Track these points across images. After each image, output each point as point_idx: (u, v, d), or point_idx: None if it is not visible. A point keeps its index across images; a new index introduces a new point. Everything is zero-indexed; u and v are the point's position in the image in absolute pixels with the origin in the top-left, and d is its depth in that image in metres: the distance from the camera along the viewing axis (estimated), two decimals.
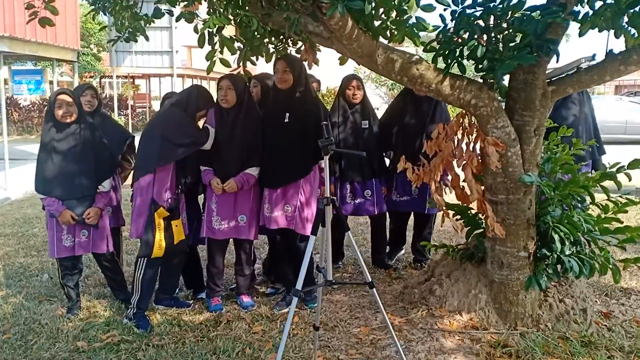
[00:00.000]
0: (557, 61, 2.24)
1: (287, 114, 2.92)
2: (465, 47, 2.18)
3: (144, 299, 2.89)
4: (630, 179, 2.45)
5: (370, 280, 2.06)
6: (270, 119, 2.98)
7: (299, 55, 3.07)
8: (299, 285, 1.99)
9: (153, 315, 2.97)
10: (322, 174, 3.01)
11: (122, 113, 15.56)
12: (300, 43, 3.24)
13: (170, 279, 3.12)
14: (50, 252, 2.93)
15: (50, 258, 3.66)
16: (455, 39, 2.29)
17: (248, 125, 2.97)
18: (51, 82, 15.88)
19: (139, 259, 2.88)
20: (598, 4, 2.20)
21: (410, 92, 3.53)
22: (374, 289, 2.08)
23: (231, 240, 3.17)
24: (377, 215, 3.62)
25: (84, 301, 3.18)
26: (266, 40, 3.20)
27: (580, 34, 2.30)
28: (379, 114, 3.75)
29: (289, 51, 3.29)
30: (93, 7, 3.50)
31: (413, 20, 2.12)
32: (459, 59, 2.29)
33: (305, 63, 2.76)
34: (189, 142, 2.88)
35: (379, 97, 18.09)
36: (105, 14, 3.61)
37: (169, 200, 2.85)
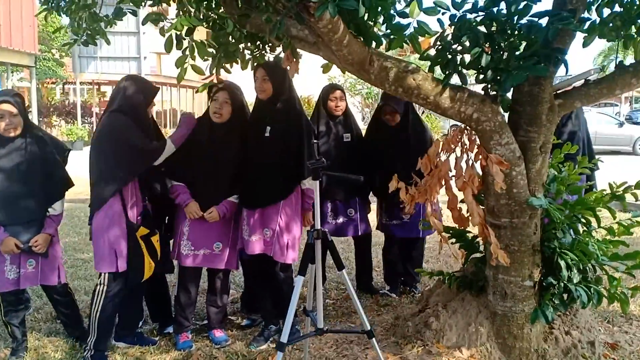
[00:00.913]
0: (566, 72, 2.04)
1: (268, 128, 2.63)
2: (469, 55, 1.95)
3: (103, 340, 2.53)
4: (637, 199, 2.27)
5: (369, 328, 1.77)
6: (250, 133, 2.71)
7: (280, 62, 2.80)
8: (284, 337, 1.69)
9: (112, 356, 2.60)
10: (306, 198, 2.70)
11: (86, 121, 14.85)
12: (279, 49, 2.98)
13: (131, 312, 2.76)
14: None
15: None
16: (454, 46, 2.07)
17: (241, 145, 2.68)
18: (13, 88, 15.02)
19: (96, 294, 2.52)
20: (606, 12, 2.03)
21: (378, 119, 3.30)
22: (374, 339, 1.79)
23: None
24: (361, 235, 3.36)
25: (33, 339, 2.78)
26: (242, 45, 2.91)
27: (585, 44, 2.12)
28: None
29: (266, 57, 3.01)
30: (45, 6, 3.11)
31: (415, 24, 1.88)
32: (460, 68, 2.06)
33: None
34: (141, 158, 2.54)
35: (354, 106, 18.07)
36: (60, 15, 3.23)
37: (139, 217, 2.54)
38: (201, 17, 2.63)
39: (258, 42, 2.93)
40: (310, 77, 3.77)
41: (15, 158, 2.46)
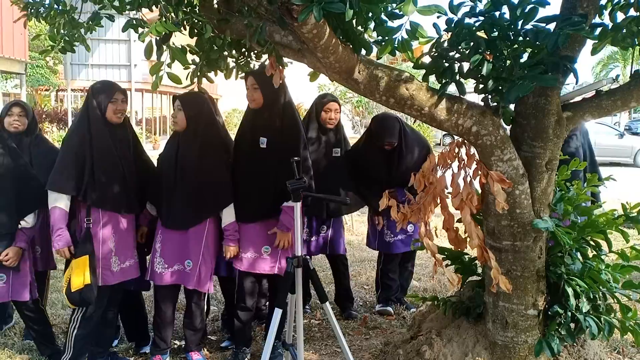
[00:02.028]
0: (576, 82, 1.86)
1: (264, 139, 2.50)
2: (469, 64, 1.77)
3: (78, 358, 2.43)
4: None
5: None
6: (244, 143, 2.57)
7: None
8: None
9: None
10: (284, 215, 2.50)
11: None
12: (265, 56, 2.82)
13: (104, 330, 2.61)
14: None
15: None
16: (452, 54, 1.89)
17: (207, 155, 2.51)
18: (7, 95, 14.87)
19: (75, 311, 2.43)
20: (620, 17, 1.86)
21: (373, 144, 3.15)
22: None
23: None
24: (336, 256, 3.17)
25: (4, 357, 2.68)
26: (226, 52, 2.74)
27: (594, 52, 1.95)
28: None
29: (252, 65, 2.85)
30: (25, 12, 2.96)
31: (407, 27, 1.70)
32: (457, 77, 1.88)
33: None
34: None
35: (343, 114, 17.92)
36: (39, 21, 3.08)
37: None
38: (179, 22, 2.46)
39: (243, 50, 2.76)
40: (299, 85, 3.59)
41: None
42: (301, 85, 3.28)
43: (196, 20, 2.46)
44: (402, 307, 3.33)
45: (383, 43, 1.94)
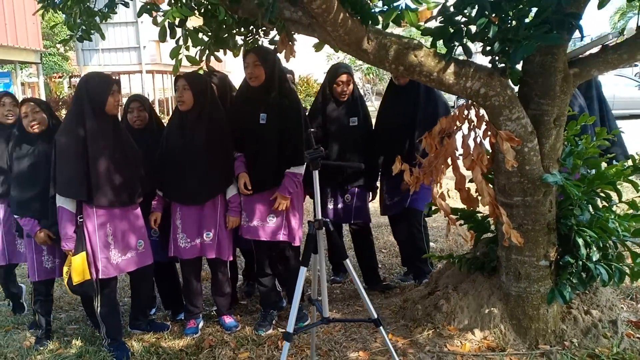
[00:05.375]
0: (581, 39, 1.89)
1: (264, 115, 2.56)
2: (475, 27, 1.82)
3: (113, 329, 2.61)
4: None
5: (376, 316, 1.72)
6: (244, 121, 2.63)
7: (271, 47, 2.70)
8: (289, 327, 1.65)
9: (129, 342, 2.69)
10: (286, 181, 2.59)
11: None
12: (272, 33, 2.86)
13: (140, 302, 2.84)
14: (30, 275, 2.67)
15: (22, 278, 3.50)
16: (458, 18, 1.93)
17: (214, 132, 2.59)
18: (23, 84, 15.10)
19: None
20: None
21: (392, 84, 3.13)
22: (382, 327, 1.74)
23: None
24: (357, 226, 3.18)
25: (55, 327, 2.92)
26: (234, 31, 2.80)
27: (601, 5, 1.96)
28: None
29: (260, 43, 2.90)
30: (42, 4, 3.05)
31: None
32: (465, 40, 1.93)
33: (281, 56, 2.37)
34: None
35: None
36: (56, 12, 3.17)
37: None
38: (193, 5, 2.52)
39: (251, 27, 2.82)
40: (307, 55, 3.59)
41: (46, 154, 2.52)
42: (309, 55, 3.27)
43: (208, 3, 2.52)
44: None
45: (387, 9, 1.98)
